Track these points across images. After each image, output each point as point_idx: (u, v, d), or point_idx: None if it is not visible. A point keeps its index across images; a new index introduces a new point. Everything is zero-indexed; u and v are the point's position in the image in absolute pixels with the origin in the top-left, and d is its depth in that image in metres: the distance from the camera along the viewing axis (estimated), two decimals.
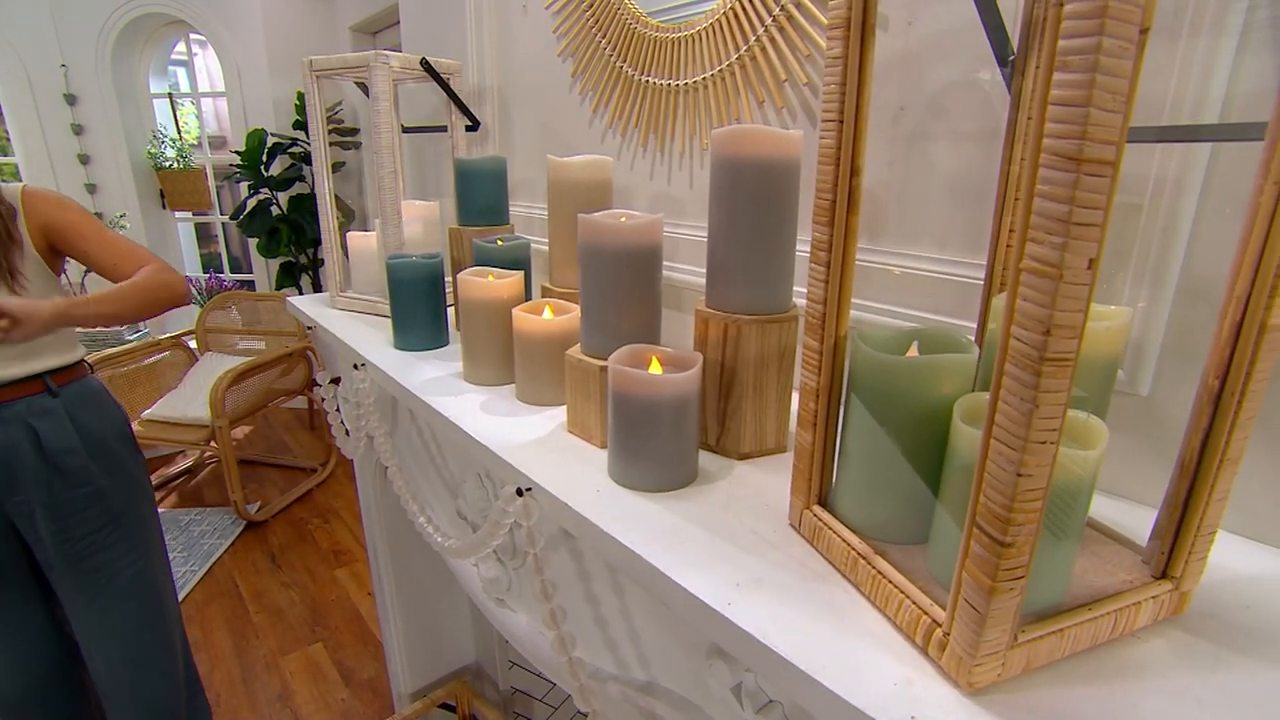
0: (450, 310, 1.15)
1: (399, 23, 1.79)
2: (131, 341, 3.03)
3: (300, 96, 3.22)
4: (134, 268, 1.22)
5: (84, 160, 3.36)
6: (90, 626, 1.26)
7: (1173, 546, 0.45)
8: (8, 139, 3.30)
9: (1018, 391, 0.34)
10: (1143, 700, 0.40)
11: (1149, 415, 0.59)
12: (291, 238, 3.23)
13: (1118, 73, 0.29)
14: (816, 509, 0.54)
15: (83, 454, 1.21)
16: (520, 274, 0.88)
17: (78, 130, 3.32)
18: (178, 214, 3.73)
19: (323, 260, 3.41)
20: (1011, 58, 0.50)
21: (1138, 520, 0.53)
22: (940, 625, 0.42)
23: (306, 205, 3.27)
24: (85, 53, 3.25)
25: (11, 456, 1.15)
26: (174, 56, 3.74)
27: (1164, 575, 0.46)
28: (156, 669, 1.33)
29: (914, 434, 0.48)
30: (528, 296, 0.97)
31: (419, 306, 1.02)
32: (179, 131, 3.61)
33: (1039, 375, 0.33)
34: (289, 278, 3.37)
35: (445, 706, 1.57)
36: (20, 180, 3.30)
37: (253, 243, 3.41)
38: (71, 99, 3.28)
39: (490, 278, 0.87)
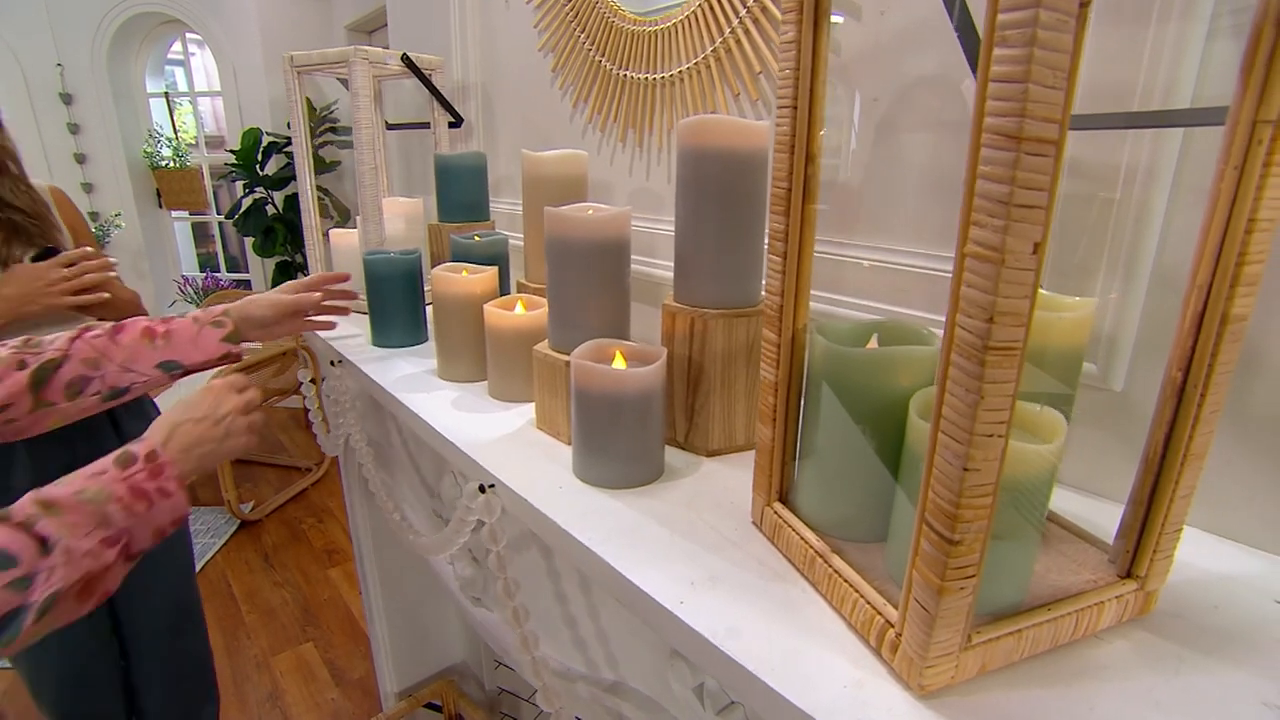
0: (430, 308, 1.14)
1: None
2: None
3: (288, 96, 3.21)
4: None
5: (80, 159, 3.36)
6: (130, 580, 1.29)
7: (1138, 544, 0.44)
8: None
9: (963, 382, 0.33)
10: (1100, 702, 0.38)
11: (1124, 411, 0.57)
12: (287, 237, 3.23)
13: (1057, 47, 0.28)
14: (777, 506, 0.52)
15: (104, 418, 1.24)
16: (494, 270, 0.87)
17: (74, 129, 3.32)
18: (174, 213, 3.72)
19: None
20: (956, 29, 0.49)
21: (1111, 519, 0.51)
22: (893, 626, 0.41)
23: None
24: (81, 51, 3.25)
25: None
26: (170, 56, 3.74)
27: (1129, 574, 0.45)
28: (192, 619, 1.37)
29: (872, 429, 0.46)
30: (504, 293, 0.96)
31: (396, 303, 1.01)
32: (175, 131, 3.61)
33: (983, 365, 0.32)
34: (285, 277, 3.37)
35: (431, 706, 1.56)
36: None
37: (249, 242, 3.41)
38: (67, 98, 3.28)
39: (464, 273, 0.86)
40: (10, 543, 0.49)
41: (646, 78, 0.93)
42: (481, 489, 0.63)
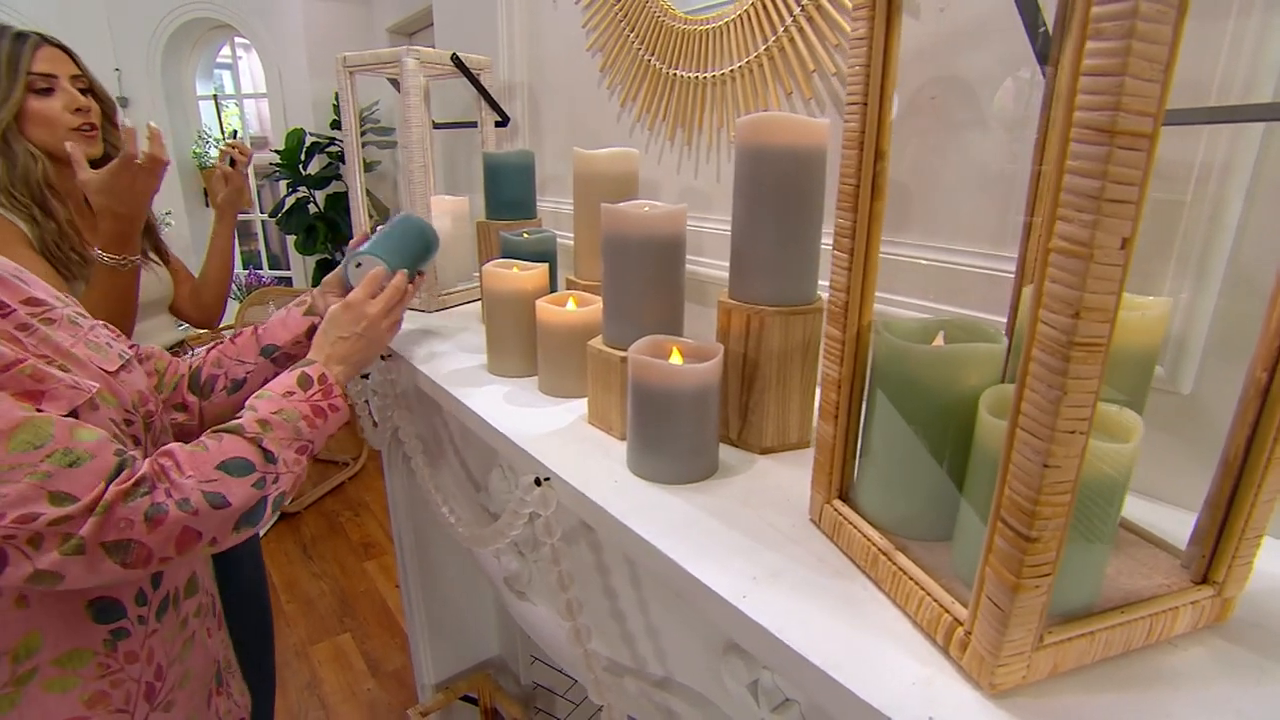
0: (472, 306, 1.15)
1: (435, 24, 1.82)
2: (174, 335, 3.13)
3: (338, 96, 3.28)
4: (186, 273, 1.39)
5: None
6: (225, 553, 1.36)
7: (1215, 550, 0.43)
8: None
9: (1045, 378, 0.33)
10: (1178, 710, 0.38)
11: (1191, 415, 0.56)
12: (328, 235, 3.30)
13: (1156, 39, 0.28)
14: (837, 503, 0.52)
15: None
16: (544, 266, 0.88)
17: None
18: None
19: None
20: (1042, 29, 0.48)
21: (1176, 524, 0.50)
22: (962, 624, 0.40)
23: (343, 203, 3.33)
24: (137, 57, 3.36)
25: None
26: (219, 60, 3.85)
27: (1205, 580, 0.44)
28: (266, 591, 1.42)
29: (939, 426, 0.46)
30: (553, 290, 0.97)
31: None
32: (223, 132, 3.71)
33: (1068, 360, 0.32)
34: (326, 274, 3.44)
35: (467, 699, 1.58)
36: None
37: (290, 240, 3.49)
38: (124, 101, 3.39)
39: (515, 269, 0.87)
40: (248, 453, 0.63)
41: (697, 76, 0.93)
42: (537, 482, 0.63)
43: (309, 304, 0.92)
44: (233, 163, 1.30)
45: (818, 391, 0.68)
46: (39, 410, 0.53)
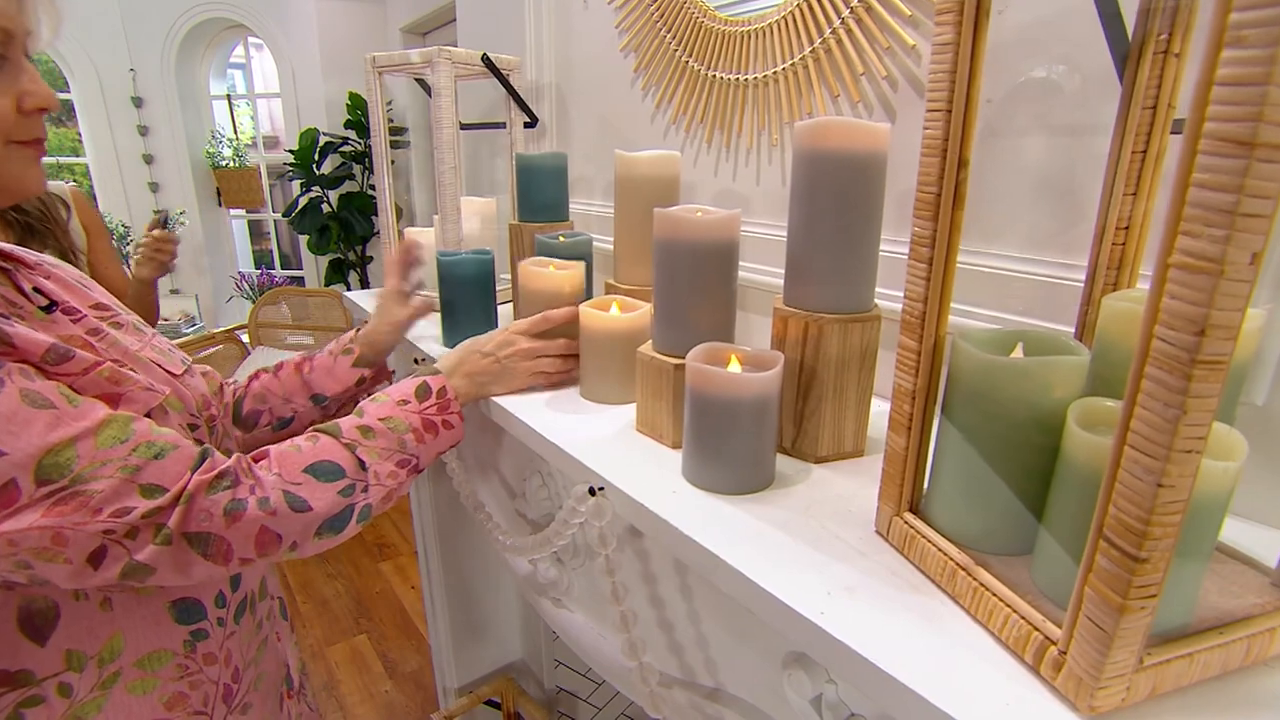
0: (508, 305, 1.14)
1: (450, 23, 1.81)
2: (188, 335, 3.13)
3: (352, 96, 3.28)
4: (121, 278, 1.43)
5: (148, 160, 3.48)
6: None
7: None
8: (80, 140, 3.44)
9: (1161, 396, 0.32)
10: None
11: (1266, 427, 0.55)
12: (341, 235, 3.29)
13: None
14: (908, 516, 0.51)
15: None
16: (581, 264, 0.87)
17: (143, 131, 3.44)
18: (232, 211, 3.83)
19: (371, 257, 3.47)
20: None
21: (1255, 540, 0.49)
22: (1054, 643, 0.40)
23: (356, 203, 3.33)
24: (152, 57, 3.36)
25: None
26: (232, 60, 3.85)
27: None
28: None
29: (1020, 439, 0.45)
30: (588, 294, 0.96)
31: (469, 302, 1.01)
32: (235, 132, 3.72)
33: (1189, 379, 0.31)
34: (338, 274, 3.44)
35: (491, 703, 1.57)
36: (90, 179, 3.45)
37: (303, 240, 3.49)
38: (138, 101, 3.40)
39: (551, 267, 0.86)
40: (340, 458, 0.62)
41: (737, 78, 0.92)
42: (592, 491, 0.63)
43: (358, 354, 0.87)
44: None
45: (873, 400, 0.67)
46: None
